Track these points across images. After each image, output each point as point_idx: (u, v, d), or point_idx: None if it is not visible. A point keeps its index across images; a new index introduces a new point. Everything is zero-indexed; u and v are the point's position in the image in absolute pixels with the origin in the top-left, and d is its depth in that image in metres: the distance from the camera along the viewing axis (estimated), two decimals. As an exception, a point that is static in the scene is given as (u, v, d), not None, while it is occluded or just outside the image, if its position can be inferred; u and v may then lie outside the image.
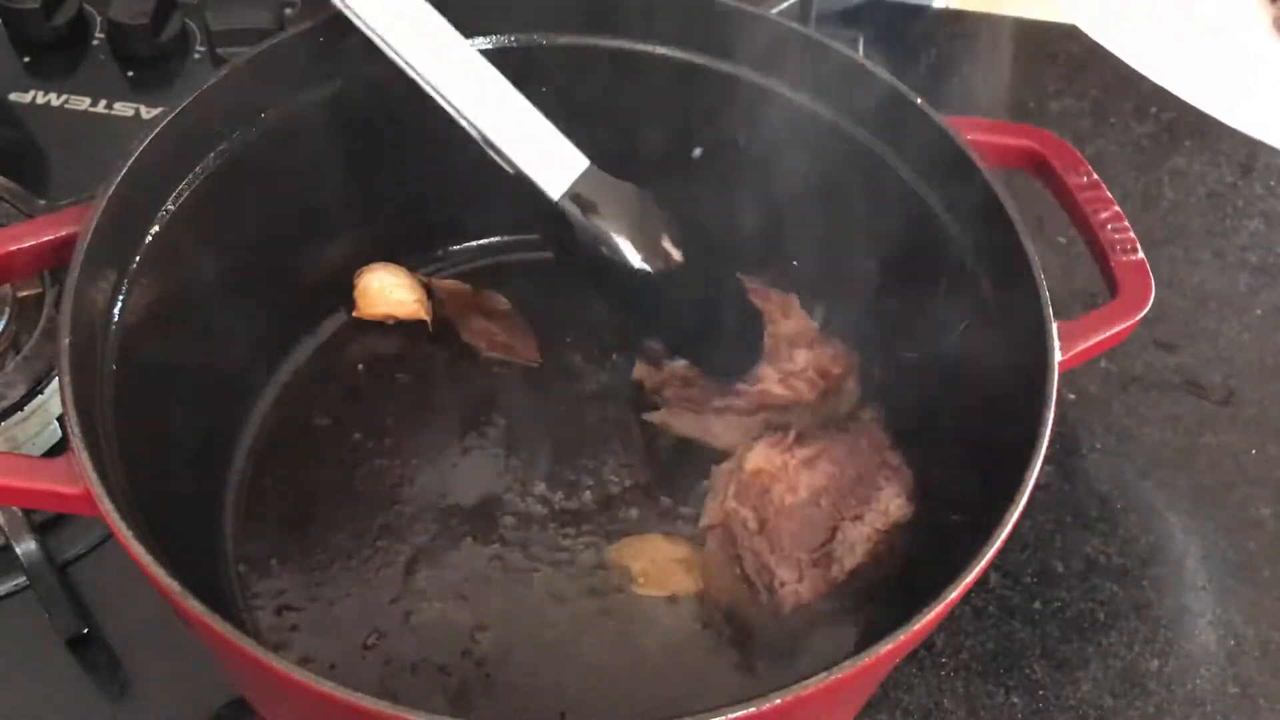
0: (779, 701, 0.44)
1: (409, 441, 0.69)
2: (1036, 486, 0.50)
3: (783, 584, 0.61)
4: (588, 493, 0.67)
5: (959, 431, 0.61)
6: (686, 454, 0.69)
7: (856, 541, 0.62)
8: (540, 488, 0.67)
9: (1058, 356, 0.55)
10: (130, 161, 0.57)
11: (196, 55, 0.90)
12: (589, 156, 0.64)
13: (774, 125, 0.68)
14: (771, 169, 0.70)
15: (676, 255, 0.64)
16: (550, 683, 0.61)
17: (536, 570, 0.64)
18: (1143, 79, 0.87)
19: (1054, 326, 0.55)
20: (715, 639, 0.62)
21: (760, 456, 0.64)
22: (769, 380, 0.68)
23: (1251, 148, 0.90)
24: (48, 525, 0.65)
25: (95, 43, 0.90)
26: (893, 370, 0.70)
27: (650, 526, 0.66)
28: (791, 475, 0.64)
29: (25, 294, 0.70)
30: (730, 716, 0.43)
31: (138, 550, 0.46)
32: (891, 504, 0.63)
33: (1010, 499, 0.50)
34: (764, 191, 0.71)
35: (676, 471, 0.68)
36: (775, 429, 0.67)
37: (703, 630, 0.62)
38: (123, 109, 0.87)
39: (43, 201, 0.75)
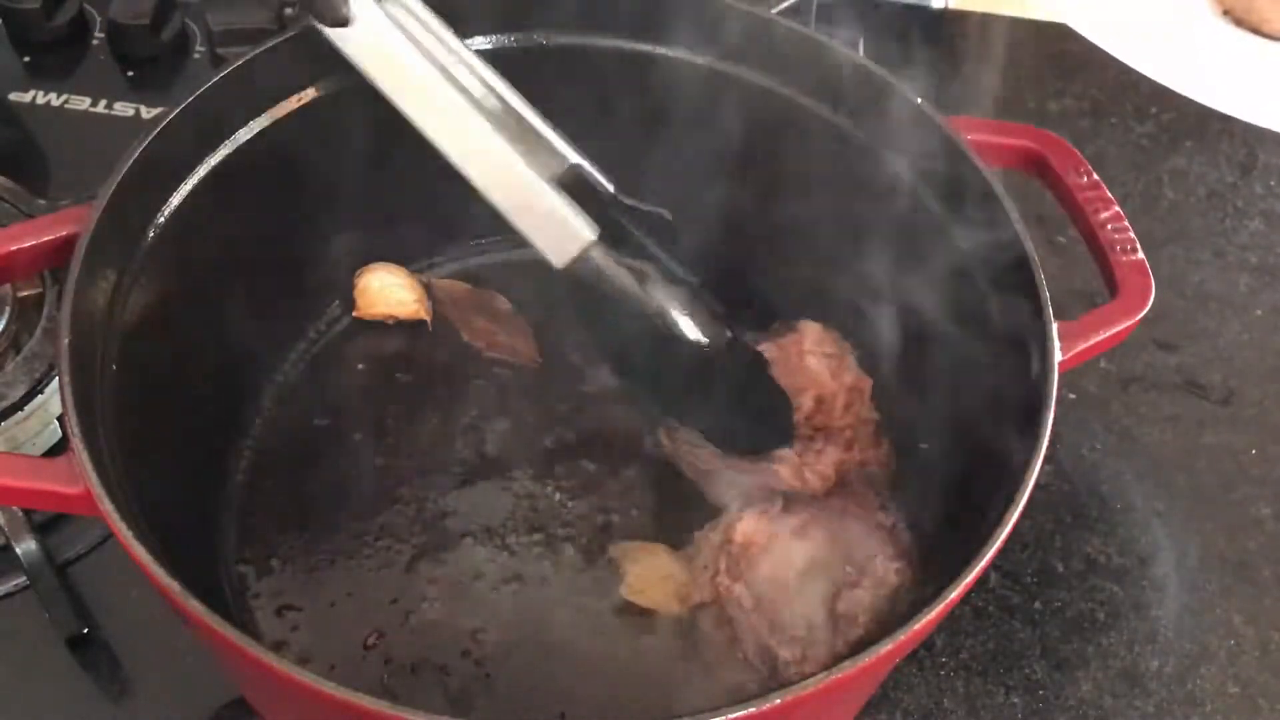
0: (779, 701, 0.44)
1: (409, 441, 0.69)
2: (1036, 486, 0.50)
3: (786, 664, 0.59)
4: (588, 494, 0.67)
5: (958, 432, 0.61)
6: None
7: (859, 611, 0.59)
8: (541, 488, 0.67)
9: (1058, 356, 0.55)
10: (130, 161, 0.57)
11: (196, 55, 0.90)
12: (588, 158, 0.64)
13: (773, 125, 0.68)
14: (770, 169, 0.70)
15: (693, 331, 0.66)
16: (550, 683, 0.61)
17: (537, 570, 0.64)
18: (1142, 79, 0.87)
19: (1054, 327, 0.55)
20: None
21: (749, 527, 0.62)
22: (786, 465, 0.66)
23: (1251, 148, 0.90)
24: (48, 525, 0.65)
25: (95, 43, 0.90)
26: (890, 371, 0.70)
27: (649, 531, 0.66)
28: (783, 546, 0.61)
29: (25, 294, 0.70)
30: (730, 716, 0.43)
31: (138, 550, 0.46)
32: (889, 571, 0.61)
33: (1010, 499, 0.50)
34: (761, 191, 0.71)
35: (678, 475, 0.68)
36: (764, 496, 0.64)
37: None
38: (123, 109, 0.87)
39: (43, 201, 0.75)
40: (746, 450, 0.67)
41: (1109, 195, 0.61)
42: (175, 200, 0.60)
